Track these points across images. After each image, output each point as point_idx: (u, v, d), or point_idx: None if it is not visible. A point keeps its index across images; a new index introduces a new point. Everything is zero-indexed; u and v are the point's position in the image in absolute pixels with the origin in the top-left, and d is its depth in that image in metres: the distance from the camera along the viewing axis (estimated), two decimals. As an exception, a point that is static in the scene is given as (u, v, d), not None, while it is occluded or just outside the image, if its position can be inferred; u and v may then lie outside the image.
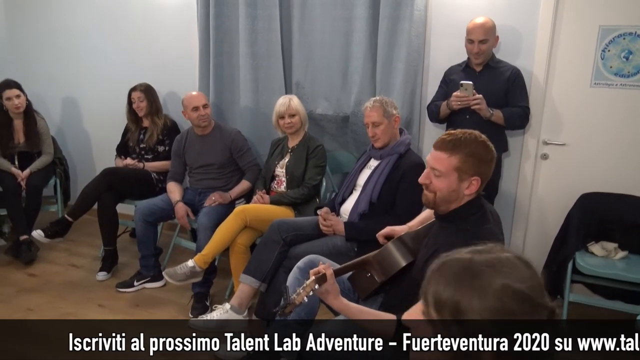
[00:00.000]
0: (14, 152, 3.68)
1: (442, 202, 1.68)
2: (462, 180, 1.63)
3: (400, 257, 1.86)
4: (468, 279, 0.84)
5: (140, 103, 3.47)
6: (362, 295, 1.94)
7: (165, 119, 3.53)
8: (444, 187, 1.65)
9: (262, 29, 3.32)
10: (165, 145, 3.48)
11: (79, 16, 4.08)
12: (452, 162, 1.63)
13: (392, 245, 1.90)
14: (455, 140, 1.64)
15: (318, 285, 1.70)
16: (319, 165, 3.01)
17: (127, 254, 3.55)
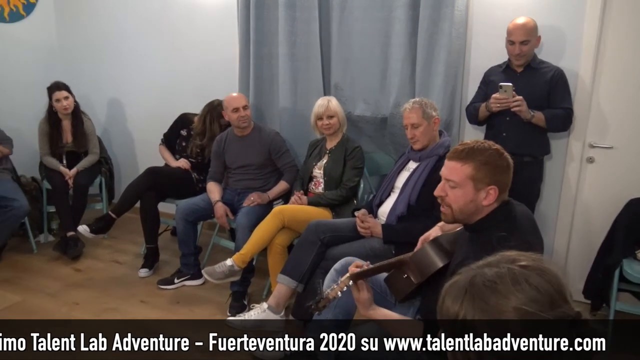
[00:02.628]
0: (63, 151, 3.82)
1: (461, 215, 1.63)
2: (478, 189, 1.58)
3: (437, 259, 1.84)
4: (470, 298, 0.84)
5: (222, 121, 3.49)
6: (399, 298, 1.93)
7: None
8: (459, 199, 1.60)
9: (301, 31, 3.34)
10: None
11: (124, 22, 4.21)
12: (466, 171, 1.58)
13: (428, 246, 1.88)
14: (468, 150, 1.60)
15: (352, 282, 1.70)
16: (356, 166, 3.00)
17: (168, 252, 3.63)
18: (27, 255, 3.69)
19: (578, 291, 2.81)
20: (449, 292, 0.87)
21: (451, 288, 0.88)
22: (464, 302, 0.84)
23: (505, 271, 0.84)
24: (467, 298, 0.84)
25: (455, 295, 0.86)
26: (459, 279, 0.88)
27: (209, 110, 3.51)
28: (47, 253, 3.70)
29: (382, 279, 1.99)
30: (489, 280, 0.84)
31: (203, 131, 3.52)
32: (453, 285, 0.88)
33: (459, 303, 0.84)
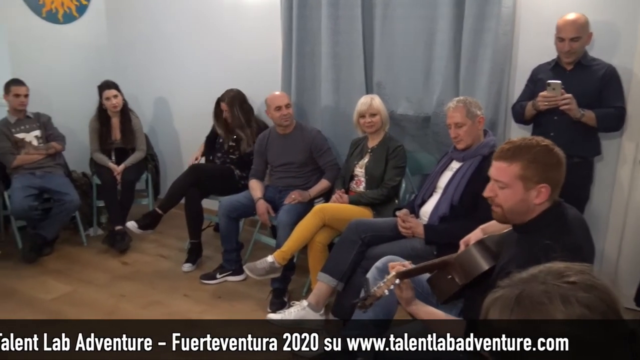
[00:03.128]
0: (111, 148, 3.96)
1: (512, 215, 1.59)
2: (528, 189, 1.53)
3: (482, 261, 1.81)
4: (517, 316, 0.81)
5: (227, 114, 3.61)
6: (441, 299, 1.90)
7: (256, 125, 3.62)
8: (509, 199, 1.56)
9: (343, 30, 3.34)
10: None
11: (171, 23, 4.31)
12: (514, 171, 1.53)
13: (474, 247, 1.85)
14: (514, 148, 1.55)
15: (399, 280, 1.70)
16: (398, 166, 2.98)
17: (211, 248, 3.70)
18: (77, 248, 3.84)
19: (629, 298, 2.70)
20: (494, 307, 0.84)
21: (496, 302, 0.84)
22: (512, 315, 0.81)
23: (554, 288, 0.81)
24: (514, 315, 0.81)
25: (500, 310, 0.83)
26: (504, 294, 0.84)
27: (236, 101, 3.58)
28: (96, 246, 3.84)
29: (425, 279, 1.97)
30: (536, 299, 0.81)
31: (222, 127, 3.61)
32: (498, 300, 0.84)
33: (506, 316, 0.82)
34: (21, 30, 4.09)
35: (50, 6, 4.22)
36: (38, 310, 2.95)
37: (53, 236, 3.68)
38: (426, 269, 1.87)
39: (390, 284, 1.71)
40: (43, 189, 3.61)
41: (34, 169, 3.66)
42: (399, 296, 1.74)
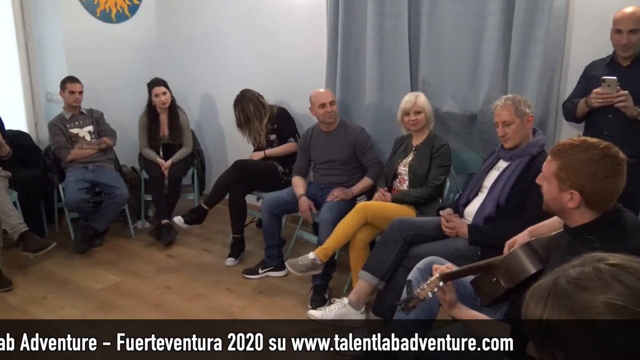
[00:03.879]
0: (159, 143, 4.06)
1: (551, 210, 1.58)
2: (562, 190, 1.49)
3: (529, 264, 1.76)
4: (554, 299, 0.81)
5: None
6: (486, 302, 1.86)
7: (272, 111, 3.71)
8: (547, 193, 1.55)
9: (389, 27, 3.31)
10: (275, 132, 3.69)
11: (218, 21, 4.39)
12: (552, 168, 1.51)
13: (520, 250, 1.80)
14: (565, 146, 1.51)
15: (443, 282, 1.67)
16: (443, 165, 2.93)
17: (253, 243, 3.75)
18: (126, 240, 3.96)
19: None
20: (532, 295, 0.85)
21: (534, 291, 0.85)
22: (547, 303, 0.81)
23: (591, 269, 0.81)
24: (551, 299, 0.81)
25: (538, 297, 0.83)
26: (542, 282, 0.85)
27: (239, 103, 3.72)
28: (143, 239, 3.95)
29: (468, 281, 1.94)
30: (573, 279, 0.81)
31: (248, 119, 3.71)
32: (536, 289, 0.85)
33: (542, 305, 0.82)
34: (77, 30, 4.25)
35: (104, 6, 4.36)
36: (88, 299, 3.06)
37: (103, 228, 3.81)
38: (470, 272, 1.84)
39: (433, 286, 1.69)
40: (95, 182, 3.75)
41: (87, 163, 3.81)
42: (441, 299, 1.71)
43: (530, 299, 0.85)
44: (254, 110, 3.68)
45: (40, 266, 3.47)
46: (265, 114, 3.68)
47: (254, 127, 3.70)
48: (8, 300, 3.03)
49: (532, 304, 0.84)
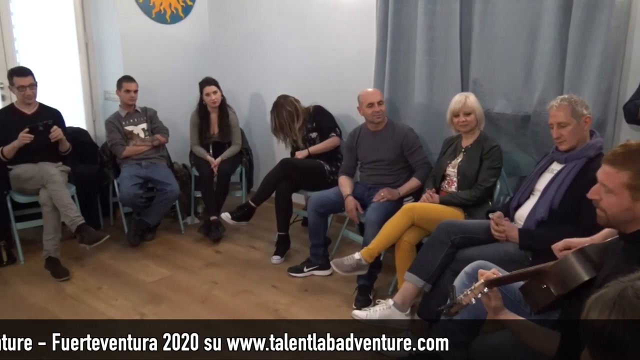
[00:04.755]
0: (210, 141, 4.15)
1: (616, 222, 1.48)
2: (636, 199, 1.40)
3: (582, 271, 1.69)
4: (619, 311, 0.78)
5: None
6: (535, 309, 1.80)
7: (305, 114, 3.74)
8: (613, 206, 1.45)
9: (440, 25, 3.26)
10: (316, 130, 3.72)
11: (268, 21, 4.44)
12: (622, 179, 1.41)
13: (573, 256, 1.73)
14: (627, 154, 1.42)
15: (487, 288, 1.63)
16: (494, 166, 2.86)
17: (299, 241, 3.78)
18: (176, 235, 4.07)
19: None
20: (595, 305, 0.82)
21: (597, 301, 0.83)
22: (612, 313, 0.79)
23: None
24: (616, 309, 0.78)
25: (601, 307, 0.81)
26: (606, 292, 0.82)
27: (274, 110, 3.80)
28: (192, 234, 4.05)
29: (517, 287, 1.88)
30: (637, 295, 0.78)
31: (282, 126, 3.78)
32: (599, 298, 0.83)
33: (606, 314, 0.79)
34: (133, 30, 4.40)
35: (160, 7, 4.50)
36: (140, 291, 3.17)
37: (155, 223, 3.93)
38: (518, 278, 1.78)
39: (477, 292, 1.65)
40: (148, 178, 3.87)
41: (141, 160, 3.94)
42: (486, 305, 1.67)
43: (592, 307, 0.83)
44: (287, 116, 3.73)
45: (96, 258, 3.61)
46: (298, 119, 3.72)
47: (288, 133, 3.76)
48: (66, 290, 3.18)
49: (594, 313, 0.81)
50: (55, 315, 2.87)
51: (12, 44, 4.12)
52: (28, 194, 3.48)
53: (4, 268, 3.44)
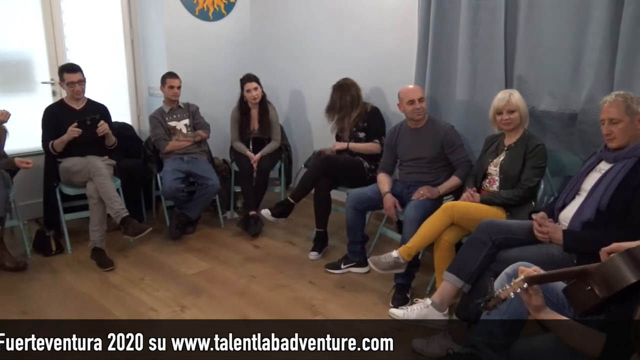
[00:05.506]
0: (250, 137, 4.20)
1: None
2: None
3: (629, 273, 1.62)
4: None
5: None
6: (579, 311, 1.74)
7: (365, 107, 3.68)
8: None
9: (484, 20, 3.19)
10: (365, 130, 3.64)
11: (309, 18, 4.46)
12: None
13: (619, 257, 1.66)
14: None
15: (527, 284, 1.59)
16: (537, 166, 2.78)
17: (337, 238, 3.78)
18: (216, 229, 4.14)
19: None
20: None
21: None
22: None
23: None
24: None
25: None
26: None
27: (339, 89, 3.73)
28: (232, 228, 4.11)
29: (560, 289, 1.83)
30: None
31: (341, 108, 3.73)
32: None
33: None
34: (177, 28, 4.49)
35: (203, 5, 4.58)
36: (180, 283, 3.24)
37: (196, 216, 4.01)
38: (560, 277, 1.73)
39: (517, 287, 1.61)
40: (189, 173, 3.95)
41: (183, 155, 4.02)
42: (526, 302, 1.63)
43: None
44: (349, 101, 3.69)
45: (139, 249, 3.72)
46: (356, 109, 3.68)
47: (343, 117, 3.71)
48: (110, 280, 3.28)
49: None
50: (100, 304, 2.96)
51: (63, 42, 4.28)
52: (76, 186, 3.61)
53: (53, 257, 3.59)
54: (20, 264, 3.38)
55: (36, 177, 3.90)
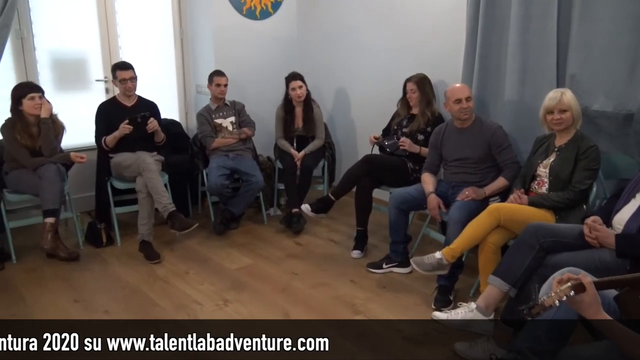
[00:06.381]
0: (294, 135, 4.23)
1: None
2: None
3: None
4: None
5: (412, 94, 3.62)
6: (632, 321, 1.67)
7: (434, 112, 3.60)
8: None
9: (536, 16, 3.09)
10: (426, 135, 3.55)
11: (354, 17, 4.44)
12: None
13: None
14: None
15: (574, 292, 1.53)
16: (590, 168, 2.68)
17: (378, 237, 3.76)
18: (259, 225, 4.20)
19: None
20: None
21: None
22: None
23: None
24: None
25: None
26: None
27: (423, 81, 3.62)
28: (274, 225, 4.15)
29: (611, 296, 1.75)
30: None
31: (405, 107, 3.69)
32: None
33: None
34: (224, 27, 4.57)
35: (250, 4, 4.64)
36: (224, 277, 3.29)
37: (240, 213, 4.07)
38: (610, 285, 1.66)
39: (563, 294, 1.54)
40: (234, 169, 4.01)
41: (228, 152, 4.09)
42: (577, 309, 1.56)
43: None
44: (424, 96, 3.60)
45: (184, 243, 3.81)
46: (428, 107, 3.60)
47: (423, 115, 3.60)
48: (156, 272, 3.37)
49: None
50: (147, 295, 3.05)
51: (116, 41, 4.42)
52: (126, 180, 3.74)
53: (103, 249, 3.72)
54: (74, 254, 3.53)
55: (89, 171, 4.06)
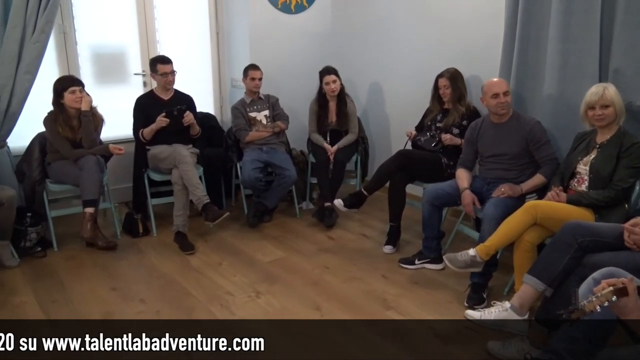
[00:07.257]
0: (327, 129, 4.23)
1: None
2: None
3: None
4: None
5: (445, 90, 3.58)
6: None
7: (468, 105, 3.56)
8: None
9: (577, 10, 2.99)
10: (461, 129, 3.51)
11: (390, 11, 4.41)
12: None
13: None
14: None
15: (616, 297, 1.48)
16: (633, 166, 2.59)
17: (411, 233, 3.73)
18: (291, 219, 4.22)
19: None
20: None
21: None
22: None
23: None
24: None
25: None
26: None
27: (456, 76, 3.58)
28: (307, 219, 4.17)
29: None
30: None
31: (436, 103, 3.66)
32: None
33: None
34: (260, 21, 4.59)
35: (285, -2, 4.65)
36: (256, 270, 3.33)
37: (273, 206, 4.11)
38: None
39: (604, 300, 1.50)
40: (268, 163, 4.04)
41: (262, 145, 4.12)
42: (620, 314, 1.52)
43: None
44: (457, 91, 3.56)
45: (218, 235, 3.86)
46: (461, 103, 3.57)
47: (456, 110, 3.57)
48: (191, 263, 3.44)
49: None
50: (181, 285, 3.11)
51: (154, 35, 4.50)
52: (162, 172, 3.81)
53: (139, 239, 3.81)
54: (111, 243, 3.62)
55: (127, 163, 4.15)
